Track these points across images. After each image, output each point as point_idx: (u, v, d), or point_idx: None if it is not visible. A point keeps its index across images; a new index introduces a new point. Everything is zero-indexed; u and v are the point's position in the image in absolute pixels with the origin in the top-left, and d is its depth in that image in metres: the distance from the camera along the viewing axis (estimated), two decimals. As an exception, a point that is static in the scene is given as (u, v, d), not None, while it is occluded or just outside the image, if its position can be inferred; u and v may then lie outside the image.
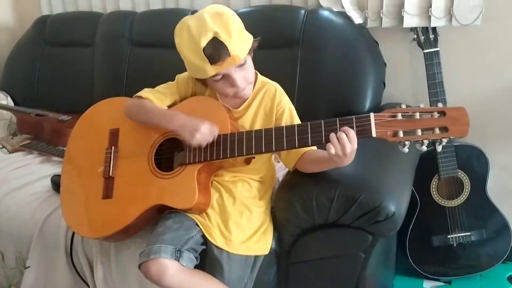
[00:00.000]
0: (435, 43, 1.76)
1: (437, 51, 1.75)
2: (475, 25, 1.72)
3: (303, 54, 1.81)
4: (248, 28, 1.31)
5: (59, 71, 2.27)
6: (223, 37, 1.16)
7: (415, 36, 1.79)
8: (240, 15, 1.90)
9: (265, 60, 1.42)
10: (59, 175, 1.48)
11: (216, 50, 1.17)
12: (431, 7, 1.73)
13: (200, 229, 1.23)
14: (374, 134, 1.10)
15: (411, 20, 1.77)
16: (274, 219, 1.34)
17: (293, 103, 1.39)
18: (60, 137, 1.96)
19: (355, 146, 1.12)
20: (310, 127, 1.17)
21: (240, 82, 1.23)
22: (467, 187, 1.82)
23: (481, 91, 1.86)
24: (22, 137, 2.13)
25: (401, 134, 1.09)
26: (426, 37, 1.77)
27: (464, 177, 1.82)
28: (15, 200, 1.61)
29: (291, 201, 1.26)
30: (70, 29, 2.29)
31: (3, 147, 2.00)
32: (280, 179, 1.45)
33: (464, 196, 1.83)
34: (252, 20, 1.87)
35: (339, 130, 1.12)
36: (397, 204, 1.19)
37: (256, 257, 1.26)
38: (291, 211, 1.26)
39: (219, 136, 1.23)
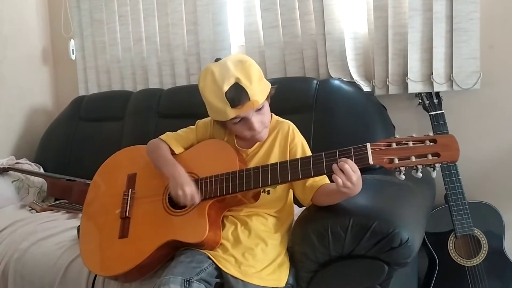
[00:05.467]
0: (439, 106, 1.89)
1: (442, 113, 1.88)
2: (475, 89, 1.86)
3: (316, 119, 1.95)
4: None
5: (90, 144, 2.44)
6: (244, 83, 1.28)
7: (420, 100, 1.93)
8: None
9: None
10: (86, 225, 1.55)
11: (237, 94, 1.28)
12: (432, 74, 1.89)
13: (213, 261, 1.26)
14: (371, 162, 1.19)
15: (415, 86, 1.93)
16: (291, 256, 1.36)
17: None
18: (87, 198, 2.06)
19: (358, 173, 1.20)
20: (312, 159, 1.26)
21: (257, 125, 1.34)
22: (484, 245, 1.82)
23: (488, 153, 1.95)
24: (50, 201, 2.22)
25: (396, 160, 1.17)
26: (431, 101, 1.91)
27: (481, 235, 1.83)
28: (41, 249, 1.66)
29: (307, 233, 1.30)
30: (103, 105, 2.51)
31: (32, 209, 2.09)
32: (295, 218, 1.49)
33: (482, 255, 1.81)
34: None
35: (339, 160, 1.20)
36: (410, 230, 1.22)
37: (273, 289, 1.28)
38: (308, 243, 1.29)
39: (227, 173, 1.32)
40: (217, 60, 1.38)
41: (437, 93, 1.91)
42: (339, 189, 1.19)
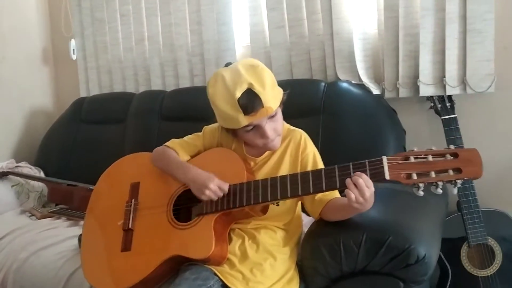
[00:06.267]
0: (451, 110, 1.83)
1: (455, 117, 1.81)
2: (489, 92, 1.79)
3: (324, 122, 1.89)
4: None
5: (91, 147, 2.39)
6: (257, 89, 1.21)
7: (432, 104, 1.86)
8: None
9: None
10: (87, 234, 1.50)
11: (250, 101, 1.21)
12: (445, 76, 1.82)
13: (219, 278, 1.20)
14: (387, 177, 1.12)
15: (427, 89, 1.86)
16: (301, 270, 1.31)
17: None
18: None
19: (372, 189, 1.13)
20: (324, 173, 1.19)
21: (270, 133, 1.27)
22: (498, 254, 1.76)
23: (501, 158, 1.88)
24: (51, 207, 2.17)
25: (414, 176, 1.10)
26: (443, 105, 1.84)
27: (495, 245, 1.77)
28: (41, 259, 1.62)
29: (318, 247, 1.24)
30: (104, 107, 2.45)
31: (32, 215, 2.04)
32: (305, 230, 1.44)
33: (496, 264, 1.76)
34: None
35: (353, 174, 1.14)
36: (427, 246, 1.17)
37: (282, 307, 1.22)
38: (319, 258, 1.24)
39: (235, 185, 1.26)
40: (227, 65, 1.31)
41: (450, 97, 1.84)
42: (351, 204, 1.14)
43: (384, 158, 1.14)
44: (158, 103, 2.28)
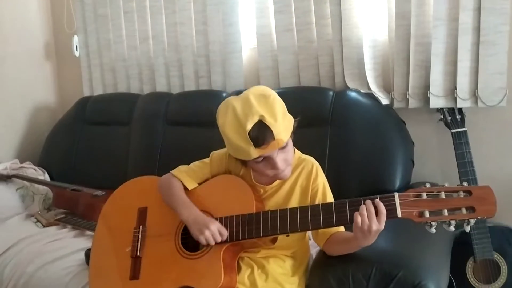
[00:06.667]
0: (462, 123, 1.80)
1: (465, 131, 1.78)
2: (501, 106, 1.76)
3: (332, 133, 1.87)
4: None
5: (96, 148, 2.37)
6: (268, 121, 1.18)
7: (442, 116, 1.84)
8: None
9: (295, 139, 1.46)
10: (92, 249, 1.50)
11: (261, 134, 1.18)
12: (456, 89, 1.79)
13: None
14: (399, 215, 1.11)
15: (437, 101, 1.83)
16: (308, 297, 1.31)
17: None
18: (94, 212, 1.99)
19: (382, 226, 1.12)
20: (335, 207, 1.18)
21: (280, 164, 1.24)
22: (504, 270, 1.76)
23: (511, 171, 1.86)
24: (56, 211, 2.17)
25: (427, 214, 1.09)
26: (453, 117, 1.81)
27: (501, 260, 1.77)
28: (48, 274, 1.62)
29: (326, 278, 1.24)
30: (109, 109, 2.43)
31: (38, 221, 2.04)
32: (314, 255, 1.44)
33: (502, 280, 1.76)
34: (283, 101, 1.99)
35: (372, 203, 1.13)
36: (437, 282, 1.16)
37: (290, 336, 1.23)
38: (327, 287, 1.23)
39: (243, 215, 1.25)
40: (238, 93, 1.27)
41: (460, 109, 1.82)
42: (354, 232, 1.13)
43: (396, 195, 1.12)
44: (163, 106, 2.25)
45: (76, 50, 2.68)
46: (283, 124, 1.22)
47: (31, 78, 2.68)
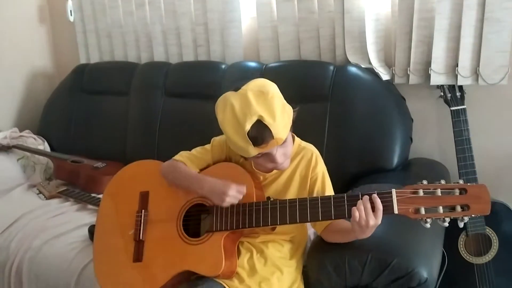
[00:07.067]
0: (461, 100, 1.80)
1: (464, 109, 1.79)
2: (502, 84, 1.75)
3: (332, 109, 1.86)
4: (278, 83, 1.33)
5: (95, 118, 2.37)
6: (267, 121, 1.18)
7: (442, 93, 1.83)
8: (271, 70, 2.04)
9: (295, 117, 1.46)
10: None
11: (260, 134, 1.19)
12: (457, 66, 1.77)
13: None
14: (396, 211, 1.13)
15: (438, 78, 1.82)
16: (306, 278, 1.36)
17: (322, 157, 1.41)
18: (95, 184, 2.04)
19: (379, 221, 1.14)
20: (333, 201, 1.21)
21: (280, 159, 1.26)
22: (495, 244, 1.82)
23: (508, 149, 1.88)
24: (58, 182, 2.20)
25: (423, 211, 1.12)
26: (453, 94, 1.81)
27: (492, 234, 1.82)
28: (53, 249, 1.66)
29: (323, 263, 1.28)
30: (107, 78, 2.40)
31: (40, 192, 2.07)
32: (312, 236, 1.48)
33: (492, 253, 1.82)
34: (282, 75, 1.98)
35: (370, 198, 1.15)
36: (429, 269, 1.21)
37: (287, 315, 1.29)
38: (324, 272, 1.28)
39: (244, 204, 1.28)
40: (236, 89, 1.25)
41: (460, 86, 1.81)
42: (352, 226, 1.16)
43: (393, 191, 1.14)
44: (162, 77, 2.23)
45: (71, 14, 2.61)
46: (282, 122, 1.21)
47: (26, 44, 2.63)
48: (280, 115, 1.21)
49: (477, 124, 1.84)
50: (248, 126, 1.18)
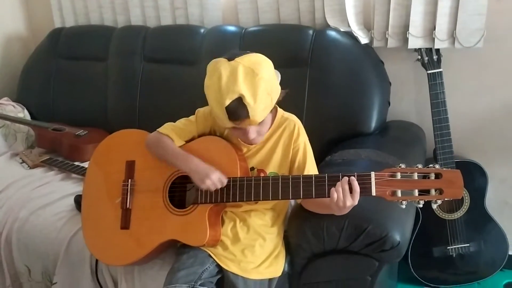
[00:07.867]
0: (438, 64, 1.83)
1: (440, 72, 1.82)
2: (477, 47, 1.78)
3: (311, 74, 1.88)
4: (258, 48, 1.35)
5: (73, 84, 2.34)
6: (247, 101, 1.20)
7: (419, 56, 1.85)
8: (250, 34, 2.03)
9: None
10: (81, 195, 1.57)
11: (237, 111, 1.21)
12: (435, 29, 1.79)
13: (214, 259, 1.31)
14: (374, 193, 1.18)
15: (416, 41, 1.84)
16: (287, 243, 1.43)
17: (301, 122, 1.44)
18: (78, 153, 2.05)
19: (356, 202, 1.19)
20: (315, 180, 1.25)
21: (252, 136, 1.29)
22: (466, 201, 1.91)
23: (482, 110, 1.94)
24: (40, 150, 2.20)
25: (399, 194, 1.17)
26: (430, 58, 1.83)
27: (465, 192, 1.91)
28: (40, 219, 1.70)
29: (303, 229, 1.35)
30: (83, 43, 2.35)
31: (23, 161, 2.07)
32: (292, 202, 1.54)
33: (463, 209, 1.92)
34: (262, 40, 1.98)
35: (349, 181, 1.19)
36: (402, 234, 1.28)
37: (270, 279, 1.36)
38: (303, 237, 1.35)
39: (229, 179, 1.31)
40: (231, 56, 1.24)
41: (437, 50, 1.83)
42: (331, 204, 1.21)
43: (373, 174, 1.18)
44: (140, 42, 2.20)
45: (42, -26, 2.51)
46: (261, 105, 1.23)
47: (-3, 6, 2.54)
48: (261, 98, 1.22)
49: (453, 87, 1.88)
50: (227, 102, 1.20)
